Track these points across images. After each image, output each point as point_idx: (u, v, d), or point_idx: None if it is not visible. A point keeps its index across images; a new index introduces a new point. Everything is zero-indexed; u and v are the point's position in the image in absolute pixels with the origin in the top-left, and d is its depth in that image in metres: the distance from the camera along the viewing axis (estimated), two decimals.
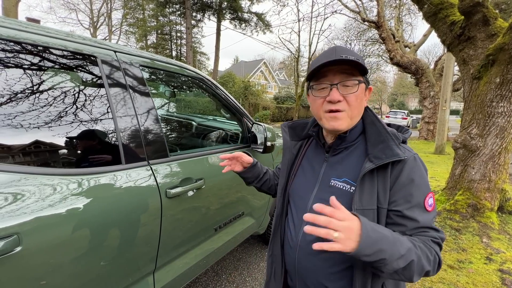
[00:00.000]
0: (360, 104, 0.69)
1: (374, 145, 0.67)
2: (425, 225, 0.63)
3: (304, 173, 0.80)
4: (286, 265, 0.80)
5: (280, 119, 19.68)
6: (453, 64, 7.41)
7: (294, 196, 0.80)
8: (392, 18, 13.51)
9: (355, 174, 0.68)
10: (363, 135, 0.74)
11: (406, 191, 0.63)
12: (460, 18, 2.95)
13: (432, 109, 10.03)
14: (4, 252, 0.65)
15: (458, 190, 3.02)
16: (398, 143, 0.67)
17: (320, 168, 0.76)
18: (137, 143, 1.04)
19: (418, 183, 0.64)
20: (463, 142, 2.96)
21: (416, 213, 0.62)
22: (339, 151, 0.74)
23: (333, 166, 0.74)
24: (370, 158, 0.66)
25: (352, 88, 0.67)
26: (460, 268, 2.05)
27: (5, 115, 0.75)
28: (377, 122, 0.72)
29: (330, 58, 0.64)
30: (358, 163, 0.69)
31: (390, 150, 0.64)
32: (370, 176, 0.65)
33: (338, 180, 0.70)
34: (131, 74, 1.10)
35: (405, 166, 0.64)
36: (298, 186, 0.80)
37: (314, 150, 0.82)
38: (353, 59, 0.63)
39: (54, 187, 0.78)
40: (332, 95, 0.66)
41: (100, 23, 24.38)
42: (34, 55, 0.85)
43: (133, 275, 1.02)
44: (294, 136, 0.87)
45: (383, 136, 0.68)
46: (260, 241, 2.46)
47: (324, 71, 0.68)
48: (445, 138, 7.72)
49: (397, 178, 0.64)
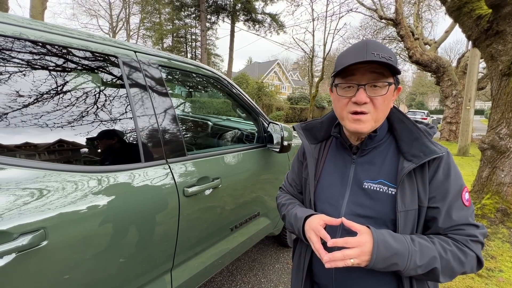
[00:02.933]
0: (387, 106, 0.65)
1: (408, 143, 0.65)
2: (463, 222, 0.61)
3: (329, 178, 0.75)
4: (317, 278, 0.76)
5: (294, 120, 19.52)
6: (478, 61, 7.04)
7: (322, 203, 0.74)
8: (411, 15, 13.07)
9: (391, 174, 0.65)
10: (390, 133, 0.70)
11: (443, 187, 0.61)
12: (488, 11, 2.79)
13: (455, 109, 9.57)
14: (32, 246, 0.67)
15: (486, 194, 2.85)
16: (431, 138, 0.65)
17: (348, 171, 0.71)
18: (156, 142, 1.05)
19: (454, 178, 0.62)
20: (491, 143, 2.79)
21: (453, 209, 0.61)
22: (368, 151, 0.70)
23: (364, 168, 0.69)
24: (407, 157, 0.63)
25: (381, 90, 0.62)
26: (489, 277, 1.92)
27: (32, 114, 0.78)
28: (406, 119, 0.68)
29: (360, 57, 0.59)
30: (392, 162, 0.66)
31: (426, 148, 0.62)
32: (408, 176, 0.62)
33: (373, 182, 0.66)
34: (150, 74, 1.12)
35: (441, 162, 0.62)
36: (324, 192, 0.74)
37: (337, 151, 0.77)
38: (385, 60, 0.58)
39: (76, 183, 0.79)
40: (358, 96, 0.62)
41: (119, 28, 25.29)
42: (59, 57, 0.87)
43: (152, 272, 1.03)
44: (312, 139, 0.81)
45: (416, 133, 0.65)
46: (275, 242, 2.43)
47: (352, 69, 0.63)
48: (469, 139, 7.34)
49: (434, 175, 0.62)
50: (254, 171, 1.58)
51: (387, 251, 0.56)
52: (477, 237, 0.60)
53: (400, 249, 0.56)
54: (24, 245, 0.65)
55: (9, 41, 0.76)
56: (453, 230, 0.61)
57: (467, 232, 0.60)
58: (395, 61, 0.61)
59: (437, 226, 0.62)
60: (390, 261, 0.56)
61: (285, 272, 2.04)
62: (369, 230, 0.58)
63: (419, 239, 0.60)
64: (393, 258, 0.56)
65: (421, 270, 0.57)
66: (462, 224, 0.61)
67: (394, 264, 0.56)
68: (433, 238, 0.61)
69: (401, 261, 0.56)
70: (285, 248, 2.37)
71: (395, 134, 0.69)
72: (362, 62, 0.59)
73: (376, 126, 0.66)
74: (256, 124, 1.77)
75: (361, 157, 0.71)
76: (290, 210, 0.79)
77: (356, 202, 0.67)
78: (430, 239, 0.61)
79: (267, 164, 1.70)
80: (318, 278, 0.76)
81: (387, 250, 0.56)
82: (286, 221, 0.80)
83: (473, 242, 0.60)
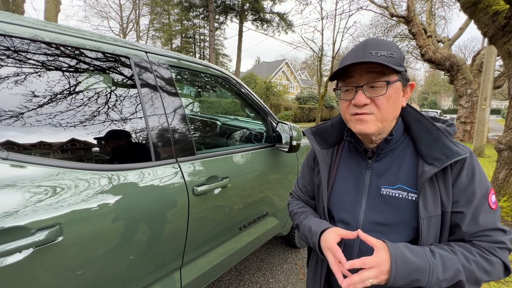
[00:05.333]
0: (393, 105, 0.60)
1: (427, 144, 0.61)
2: (490, 226, 0.57)
3: (344, 184, 0.72)
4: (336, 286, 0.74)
5: (302, 120, 19.39)
6: (494, 58, 6.79)
7: (337, 211, 0.72)
8: (423, 12, 12.76)
9: (410, 179, 0.62)
10: (406, 134, 0.67)
11: (468, 190, 0.58)
12: (505, 7, 2.69)
13: (469, 108, 9.28)
14: (49, 241, 0.69)
15: (502, 196, 2.76)
16: (452, 138, 0.61)
17: (364, 176, 0.68)
18: (166, 141, 1.06)
19: (479, 180, 0.59)
20: (508, 143, 2.70)
21: (480, 213, 0.57)
22: (384, 155, 0.67)
23: (380, 173, 0.66)
24: (427, 160, 0.60)
25: (381, 90, 0.59)
26: (506, 282, 1.85)
27: (46, 114, 0.80)
28: (423, 118, 0.64)
29: (357, 58, 0.58)
30: (411, 166, 0.63)
31: (448, 149, 0.58)
32: (430, 180, 0.59)
33: (391, 188, 0.63)
34: (160, 74, 1.13)
35: (464, 164, 0.59)
36: (339, 200, 0.71)
37: (350, 156, 0.74)
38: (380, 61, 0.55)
39: (88, 181, 0.81)
40: (356, 99, 0.60)
41: (129, 29, 25.77)
42: (72, 58, 0.89)
43: (161, 270, 1.04)
44: (323, 144, 0.78)
45: (435, 134, 0.61)
46: (284, 242, 2.42)
47: (351, 71, 0.61)
48: (485, 140, 7.10)
49: (457, 177, 0.59)
50: (262, 170, 1.58)
51: (406, 267, 0.53)
52: (505, 244, 0.57)
53: (420, 264, 0.54)
54: (41, 240, 0.67)
55: (26, 43, 0.78)
56: (479, 236, 0.58)
57: (494, 239, 0.57)
58: (397, 57, 0.58)
59: (461, 231, 0.59)
60: (410, 277, 0.53)
61: (293, 273, 2.03)
62: (386, 245, 0.56)
63: (439, 251, 0.56)
64: (414, 274, 0.53)
65: (446, 284, 0.54)
66: (489, 229, 0.57)
67: (415, 281, 0.53)
68: (454, 247, 0.58)
69: (422, 276, 0.53)
70: (293, 248, 2.36)
71: (412, 135, 0.65)
72: (355, 64, 0.57)
73: (384, 126, 0.62)
74: (264, 123, 1.77)
75: (377, 162, 0.67)
76: (303, 221, 0.76)
77: (374, 209, 0.65)
78: (450, 249, 0.57)
79: (276, 164, 1.69)
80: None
81: (406, 266, 0.53)
82: (300, 232, 0.78)
83: (500, 249, 0.56)
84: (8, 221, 0.63)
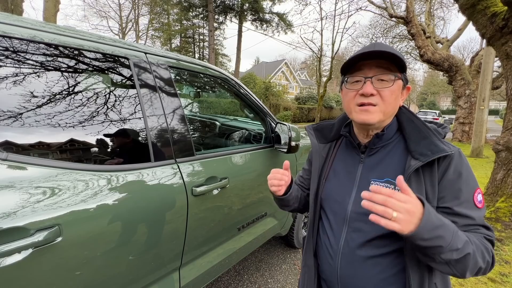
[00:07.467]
0: (395, 100, 0.65)
1: (416, 141, 0.64)
2: (477, 222, 0.59)
3: (337, 176, 0.76)
4: (324, 275, 0.76)
5: (302, 120, 19.40)
6: (492, 59, 6.83)
7: (328, 201, 0.76)
8: (422, 13, 12.79)
9: (397, 173, 0.64)
10: (399, 133, 0.70)
11: (455, 186, 0.60)
12: (503, 9, 2.70)
13: (468, 109, 9.31)
14: (48, 242, 0.69)
15: (500, 197, 2.77)
16: (441, 138, 0.64)
17: (356, 170, 0.72)
18: (165, 142, 1.06)
19: (466, 178, 0.61)
20: (506, 144, 2.71)
21: (466, 209, 0.59)
22: (376, 150, 0.71)
23: (371, 167, 0.70)
24: (414, 155, 0.62)
25: (388, 83, 0.63)
26: (503, 282, 1.86)
27: (45, 114, 0.80)
28: (415, 119, 0.69)
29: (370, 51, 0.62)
30: (400, 161, 0.66)
31: (435, 146, 0.62)
32: (416, 175, 0.62)
33: (380, 180, 0.67)
34: (160, 75, 1.13)
35: (451, 161, 0.61)
36: (332, 191, 0.76)
37: (346, 151, 0.78)
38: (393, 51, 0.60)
39: (87, 182, 0.81)
40: (365, 88, 0.63)
41: (128, 29, 25.68)
42: (71, 58, 0.89)
43: (160, 270, 1.04)
44: (322, 139, 0.84)
45: (425, 132, 0.65)
46: (282, 242, 2.42)
47: (360, 65, 0.65)
48: (483, 140, 7.13)
49: (444, 173, 0.61)
50: (261, 171, 1.58)
51: (436, 219, 0.51)
52: (491, 237, 0.59)
53: (447, 223, 0.53)
54: (40, 240, 0.67)
55: (24, 43, 0.78)
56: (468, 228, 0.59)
57: (482, 231, 0.59)
58: (403, 60, 0.62)
59: None
60: (436, 231, 0.50)
61: (292, 273, 2.03)
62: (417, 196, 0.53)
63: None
64: (440, 230, 0.50)
65: (457, 254, 0.51)
66: (477, 224, 0.60)
67: (438, 237, 0.50)
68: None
69: (446, 234, 0.51)
70: (292, 249, 2.36)
71: (404, 134, 0.69)
72: (368, 53, 0.61)
73: (385, 119, 0.66)
74: (263, 124, 1.77)
75: (369, 156, 0.71)
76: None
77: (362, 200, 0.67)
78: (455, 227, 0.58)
79: (275, 164, 1.70)
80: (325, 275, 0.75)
81: (437, 218, 0.51)
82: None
83: (488, 241, 0.58)
84: (7, 221, 0.63)
